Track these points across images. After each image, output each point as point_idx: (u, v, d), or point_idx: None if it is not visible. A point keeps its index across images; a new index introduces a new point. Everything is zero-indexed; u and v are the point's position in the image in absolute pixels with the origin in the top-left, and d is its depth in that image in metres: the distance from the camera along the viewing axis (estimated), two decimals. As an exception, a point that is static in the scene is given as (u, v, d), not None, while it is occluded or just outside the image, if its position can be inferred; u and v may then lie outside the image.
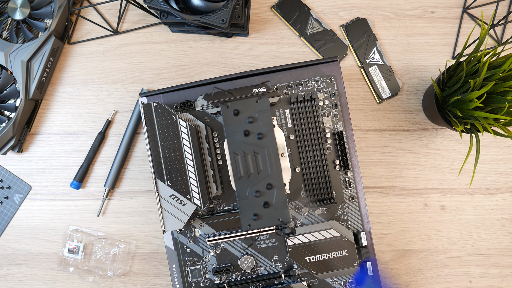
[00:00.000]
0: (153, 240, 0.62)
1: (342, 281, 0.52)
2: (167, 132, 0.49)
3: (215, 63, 0.63)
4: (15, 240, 0.62)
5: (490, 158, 0.62)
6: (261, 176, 0.43)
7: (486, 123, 0.49)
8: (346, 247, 0.51)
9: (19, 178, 0.62)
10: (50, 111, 0.63)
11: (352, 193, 0.52)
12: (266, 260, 0.52)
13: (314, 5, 0.63)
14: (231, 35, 0.62)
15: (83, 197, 0.62)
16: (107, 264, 0.61)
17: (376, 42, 0.62)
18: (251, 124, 0.42)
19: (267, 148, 0.42)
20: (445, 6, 0.63)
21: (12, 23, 0.60)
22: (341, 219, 0.52)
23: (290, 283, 0.52)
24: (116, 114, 0.63)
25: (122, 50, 0.63)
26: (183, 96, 0.53)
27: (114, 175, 0.61)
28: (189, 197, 0.49)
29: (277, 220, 0.43)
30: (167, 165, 0.49)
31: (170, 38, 0.63)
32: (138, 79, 0.63)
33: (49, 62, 0.60)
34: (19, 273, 0.62)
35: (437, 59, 0.63)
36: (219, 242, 0.52)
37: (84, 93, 0.63)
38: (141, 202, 0.62)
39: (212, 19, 0.54)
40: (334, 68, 0.53)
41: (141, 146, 0.62)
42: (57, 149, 0.63)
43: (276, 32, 0.63)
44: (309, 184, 0.52)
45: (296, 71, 0.53)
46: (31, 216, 0.62)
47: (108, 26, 0.63)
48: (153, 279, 0.62)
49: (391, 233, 0.62)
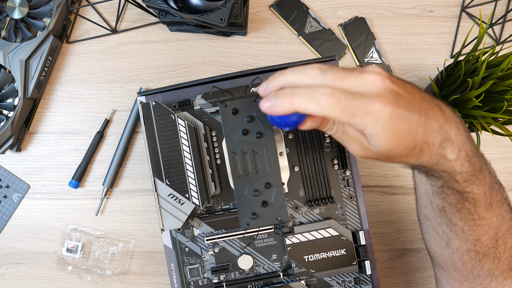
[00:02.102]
0: (152, 239, 0.62)
1: (341, 280, 0.52)
2: (166, 131, 0.49)
3: (214, 62, 0.63)
4: (13, 239, 0.62)
5: (488, 157, 0.61)
6: (260, 175, 0.43)
7: (485, 122, 0.50)
8: (345, 246, 0.51)
9: (17, 177, 0.62)
10: (49, 110, 0.63)
11: (350, 192, 0.52)
12: (265, 259, 0.52)
13: (312, 4, 0.63)
14: (229, 34, 0.62)
15: (82, 196, 0.62)
16: (105, 263, 0.61)
17: (374, 41, 0.62)
18: (250, 123, 0.42)
19: (266, 147, 0.42)
20: (444, 5, 0.63)
21: (11, 22, 0.59)
22: (340, 218, 0.53)
23: (289, 282, 0.52)
24: (114, 113, 0.63)
25: (120, 49, 0.63)
26: (182, 95, 0.53)
27: (113, 174, 0.61)
28: (188, 196, 0.49)
29: (275, 219, 0.43)
30: (166, 164, 0.49)
31: (168, 37, 0.63)
32: (136, 78, 0.63)
33: (48, 61, 0.60)
34: (18, 272, 0.62)
35: (435, 58, 0.63)
36: (218, 241, 0.52)
37: (83, 92, 0.63)
38: (139, 201, 0.62)
39: (210, 18, 0.54)
40: (333, 67, 0.53)
41: (140, 145, 0.62)
42: (56, 148, 0.63)
43: (275, 31, 0.63)
44: (307, 183, 0.52)
45: (295, 70, 0.53)
46: (30, 215, 0.62)
47: (106, 25, 0.63)
48: (152, 278, 0.62)
49: (389, 232, 0.62)
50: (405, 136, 0.34)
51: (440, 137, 0.35)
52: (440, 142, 0.36)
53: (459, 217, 0.42)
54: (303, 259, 0.51)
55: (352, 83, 0.34)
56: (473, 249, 0.43)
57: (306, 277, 0.52)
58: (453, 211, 0.42)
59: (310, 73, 0.35)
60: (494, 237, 0.42)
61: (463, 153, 0.37)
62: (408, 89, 0.35)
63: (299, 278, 0.52)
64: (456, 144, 0.36)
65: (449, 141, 0.36)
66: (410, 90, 0.35)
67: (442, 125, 0.35)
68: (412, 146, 0.35)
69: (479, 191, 0.39)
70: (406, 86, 0.35)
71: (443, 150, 0.36)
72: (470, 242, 0.43)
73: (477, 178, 0.39)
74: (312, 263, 0.51)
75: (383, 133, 0.34)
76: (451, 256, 0.45)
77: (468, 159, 0.37)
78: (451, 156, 0.36)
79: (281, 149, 0.45)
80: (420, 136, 0.35)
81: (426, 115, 0.35)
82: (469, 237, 0.42)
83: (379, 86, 0.34)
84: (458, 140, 0.36)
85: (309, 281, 0.52)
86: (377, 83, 0.34)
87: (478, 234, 0.42)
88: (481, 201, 0.40)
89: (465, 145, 0.37)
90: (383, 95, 0.33)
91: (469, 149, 0.37)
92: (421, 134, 0.35)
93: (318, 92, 0.33)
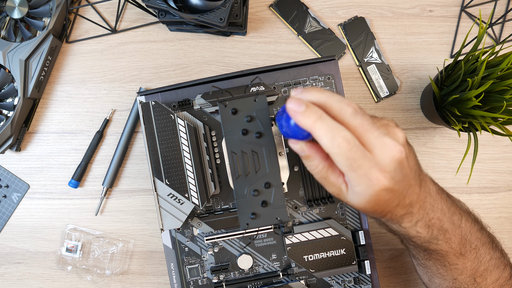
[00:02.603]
0: (151, 239, 0.62)
1: (340, 280, 0.52)
2: (165, 131, 0.49)
3: (213, 62, 0.63)
4: (13, 239, 0.62)
5: (488, 157, 0.62)
6: (259, 175, 0.43)
7: (484, 122, 0.50)
8: (344, 246, 0.51)
9: (17, 177, 0.62)
10: (48, 110, 0.63)
11: (350, 192, 0.52)
12: (264, 259, 0.52)
13: (312, 4, 0.63)
14: (229, 34, 0.62)
15: (81, 196, 0.62)
16: (105, 263, 0.61)
17: (374, 41, 0.62)
18: (249, 123, 0.42)
19: (265, 147, 0.42)
20: (443, 5, 0.63)
21: (10, 22, 0.59)
22: (339, 218, 0.53)
23: (288, 282, 0.52)
24: (114, 113, 0.63)
25: (120, 49, 0.63)
26: (181, 95, 0.53)
27: (112, 174, 0.61)
28: (187, 196, 0.49)
29: (275, 219, 0.43)
30: (165, 164, 0.49)
31: (168, 37, 0.63)
32: (136, 78, 0.63)
33: (47, 61, 0.60)
34: (17, 272, 0.62)
35: (435, 58, 0.63)
36: (217, 241, 0.52)
37: (82, 92, 0.63)
38: (139, 201, 0.62)
39: (210, 18, 0.54)
40: (332, 67, 0.53)
41: (139, 145, 0.62)
42: (55, 148, 0.63)
43: (274, 31, 0.63)
44: (307, 183, 0.52)
45: (294, 70, 0.53)
46: (29, 215, 0.62)
47: (106, 25, 0.63)
48: (151, 278, 0.62)
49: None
50: (381, 204, 0.37)
51: (404, 211, 0.38)
52: (402, 214, 0.39)
53: (430, 262, 0.45)
54: (303, 259, 0.51)
55: (372, 140, 0.35)
56: (452, 286, 0.46)
57: (305, 277, 0.52)
58: (423, 258, 0.46)
59: (344, 107, 0.35)
60: (472, 276, 0.44)
61: (420, 224, 0.40)
62: (411, 163, 0.37)
63: (299, 278, 0.52)
64: (416, 216, 0.39)
65: (410, 215, 0.39)
66: (412, 165, 0.37)
67: (412, 202, 0.38)
68: (380, 211, 0.38)
69: (445, 248, 0.42)
70: (411, 162, 0.37)
71: (400, 220, 0.39)
72: (448, 280, 0.45)
73: (440, 240, 0.41)
74: (311, 263, 0.51)
75: (367, 198, 0.36)
76: None
77: (427, 227, 0.40)
78: (406, 225, 0.40)
79: (281, 149, 0.46)
80: (391, 207, 0.38)
81: (407, 191, 0.37)
82: (446, 277, 0.45)
83: (393, 157, 0.35)
84: (419, 213, 0.39)
85: (309, 281, 0.52)
86: (392, 154, 0.35)
87: (454, 274, 0.44)
88: (449, 253, 0.43)
89: (427, 216, 0.40)
90: (390, 170, 0.35)
91: (431, 219, 0.40)
92: (393, 206, 0.38)
93: (339, 132, 0.34)
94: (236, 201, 0.43)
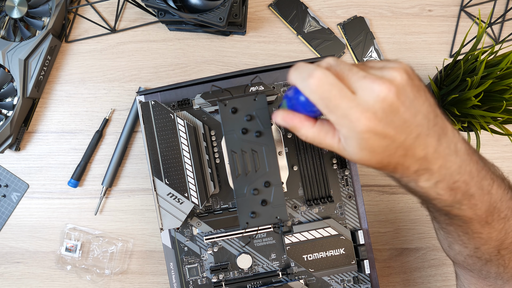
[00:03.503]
0: (151, 239, 0.62)
1: (340, 279, 0.52)
2: (165, 131, 0.49)
3: (213, 61, 0.63)
4: (12, 239, 0.62)
5: (487, 156, 0.62)
6: (259, 174, 0.43)
7: (484, 121, 0.50)
8: (344, 246, 0.51)
9: (16, 176, 0.62)
10: (48, 110, 0.63)
11: (349, 191, 0.52)
12: (264, 258, 0.52)
13: (311, 3, 0.63)
14: (228, 33, 0.62)
15: (81, 196, 0.62)
16: (104, 262, 0.61)
17: (373, 40, 0.62)
18: (249, 122, 0.42)
19: (265, 146, 0.42)
20: (443, 5, 0.63)
21: (10, 22, 0.59)
22: (339, 218, 0.53)
23: (288, 281, 0.52)
24: (113, 112, 0.63)
25: (119, 48, 0.63)
26: (181, 95, 0.53)
27: (112, 174, 0.61)
28: (187, 196, 0.49)
29: (274, 218, 0.43)
30: (165, 163, 0.49)
31: (167, 37, 0.63)
32: (135, 78, 0.63)
33: (47, 61, 0.60)
34: (17, 271, 0.62)
35: (434, 58, 0.63)
36: (217, 241, 0.52)
37: (82, 91, 0.63)
38: (138, 201, 0.62)
39: (209, 18, 0.54)
40: (332, 66, 0.53)
41: (139, 144, 0.62)
42: (55, 148, 0.63)
43: (274, 31, 0.63)
44: (306, 183, 0.52)
45: (294, 70, 0.53)
46: (29, 214, 0.62)
47: (105, 24, 0.63)
48: (151, 278, 0.62)
49: (388, 231, 0.62)
50: (379, 152, 0.33)
51: (417, 165, 0.34)
52: (416, 169, 0.34)
53: (452, 228, 0.41)
54: (302, 258, 0.51)
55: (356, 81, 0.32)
56: (474, 255, 0.41)
57: (305, 276, 0.52)
58: (444, 222, 0.41)
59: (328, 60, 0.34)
60: (496, 248, 0.40)
61: (442, 185, 0.35)
62: (413, 106, 0.32)
63: (298, 277, 0.52)
64: (436, 176, 0.35)
65: (426, 171, 0.34)
66: (414, 109, 0.32)
67: (427, 155, 0.33)
68: (387, 163, 0.34)
69: (469, 214, 0.37)
70: (414, 103, 0.32)
71: (416, 177, 0.35)
72: (470, 249, 0.41)
73: (464, 205, 0.37)
74: (311, 263, 0.51)
75: (356, 142, 0.33)
76: (456, 257, 0.44)
77: (450, 190, 0.35)
78: (424, 184, 0.35)
79: (280, 148, 0.46)
80: (397, 157, 0.34)
81: (416, 139, 0.33)
82: (467, 245, 0.41)
83: (377, 97, 0.31)
84: (440, 173, 0.34)
85: (308, 280, 0.52)
86: (376, 93, 0.31)
87: (477, 243, 0.40)
88: (473, 220, 0.38)
89: (450, 178, 0.35)
90: (374, 110, 0.31)
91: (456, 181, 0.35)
92: (399, 155, 0.33)
93: (311, 72, 0.32)
94: (235, 200, 0.43)
